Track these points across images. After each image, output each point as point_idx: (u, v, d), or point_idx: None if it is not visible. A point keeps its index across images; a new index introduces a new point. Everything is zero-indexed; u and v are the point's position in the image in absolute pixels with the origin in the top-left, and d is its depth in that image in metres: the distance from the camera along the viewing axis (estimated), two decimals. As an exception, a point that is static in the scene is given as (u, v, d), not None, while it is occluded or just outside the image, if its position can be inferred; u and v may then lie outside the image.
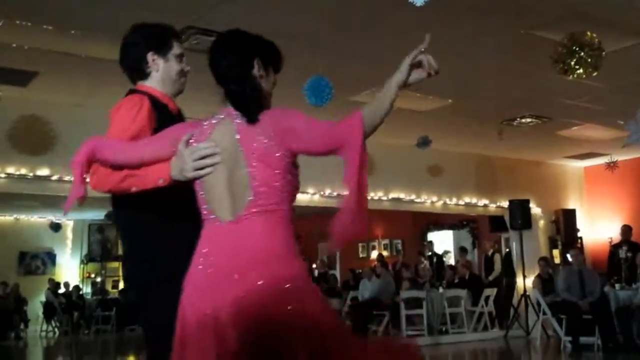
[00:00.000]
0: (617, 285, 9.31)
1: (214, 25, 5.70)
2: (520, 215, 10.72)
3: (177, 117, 2.53)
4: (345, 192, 2.08)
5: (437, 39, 6.72)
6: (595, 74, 5.42)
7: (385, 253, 15.12)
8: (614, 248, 10.56)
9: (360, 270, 12.81)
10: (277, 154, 2.07)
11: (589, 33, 5.27)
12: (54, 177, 7.62)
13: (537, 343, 9.78)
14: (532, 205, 11.14)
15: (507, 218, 11.14)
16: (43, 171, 7.58)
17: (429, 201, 10.59)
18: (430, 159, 10.46)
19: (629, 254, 9.75)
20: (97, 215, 14.91)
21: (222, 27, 2.16)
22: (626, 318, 8.43)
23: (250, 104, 2.14)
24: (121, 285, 16.04)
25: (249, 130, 2.09)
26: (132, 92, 2.53)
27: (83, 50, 6.33)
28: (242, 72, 2.18)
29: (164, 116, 2.44)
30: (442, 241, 14.71)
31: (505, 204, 11.12)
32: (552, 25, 5.79)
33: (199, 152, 2.09)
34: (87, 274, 16.39)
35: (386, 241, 15.91)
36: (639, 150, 8.20)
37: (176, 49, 2.60)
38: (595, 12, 5.64)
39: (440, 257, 13.52)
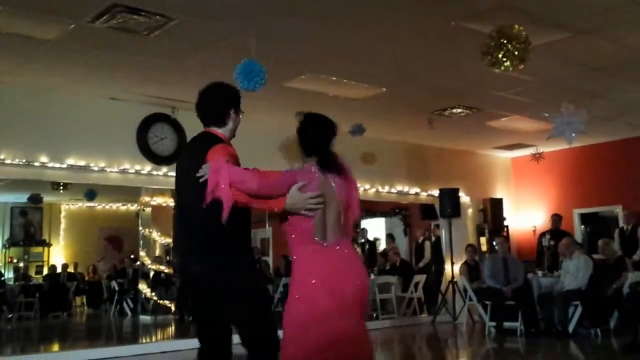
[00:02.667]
0: (539, 273, 9.65)
1: (140, 3, 5.52)
2: (450, 203, 10.93)
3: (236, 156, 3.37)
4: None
5: (372, 28, 6.76)
6: (521, 66, 5.54)
7: (318, 239, 15.15)
8: (540, 236, 10.94)
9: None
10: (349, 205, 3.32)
11: (516, 26, 5.37)
12: (-26, 157, 7.29)
13: (463, 328, 10.04)
14: (461, 194, 11.39)
15: (437, 206, 11.36)
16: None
17: (362, 188, 10.64)
18: (364, 147, 10.50)
19: (552, 243, 10.10)
20: (20, 198, 14.32)
21: (149, 6, 2.11)
22: (548, 304, 8.74)
23: (340, 169, 3.32)
24: (45, 270, 15.51)
25: (340, 187, 3.28)
26: (208, 134, 3.43)
27: (4, 27, 6.03)
28: (329, 144, 3.43)
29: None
30: (375, 228, 14.87)
31: (435, 192, 11.32)
32: (482, 17, 5.88)
33: (312, 200, 3.13)
34: (9, 259, 15.73)
35: (319, 228, 15.92)
36: (564, 142, 8.46)
37: (241, 109, 3.56)
38: (524, 5, 5.76)
39: (372, 244, 13.67)
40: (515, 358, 7.59)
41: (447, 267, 11.20)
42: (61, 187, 12.47)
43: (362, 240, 13.54)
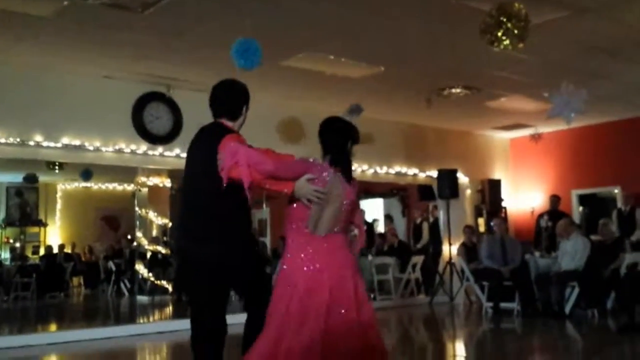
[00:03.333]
0: (537, 254, 9.64)
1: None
2: (448, 184, 10.90)
3: None
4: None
5: (370, 6, 6.66)
6: (521, 45, 5.48)
7: (316, 220, 15.13)
8: (538, 217, 10.93)
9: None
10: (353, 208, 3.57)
11: (516, 4, 5.30)
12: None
13: (461, 308, 10.06)
14: (459, 175, 11.35)
15: (435, 187, 11.32)
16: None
17: (360, 169, 10.60)
18: (362, 127, 10.33)
19: (550, 224, 10.09)
20: (15, 177, 14.28)
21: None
22: (545, 285, 8.74)
23: (350, 173, 3.59)
24: (41, 250, 15.50)
25: (349, 189, 3.51)
26: (220, 125, 3.66)
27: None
28: (346, 149, 3.69)
29: None
30: (373, 209, 14.85)
31: (434, 173, 11.27)
32: (483, -5, 5.79)
33: (318, 193, 3.35)
34: (6, 239, 15.71)
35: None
36: (563, 122, 8.40)
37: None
38: (525, -17, 5.66)
39: (370, 225, 13.65)
40: (512, 338, 7.60)
41: (445, 248, 11.19)
42: (57, 167, 12.41)
43: (360, 221, 13.51)
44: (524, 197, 12.64)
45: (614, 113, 10.94)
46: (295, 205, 3.42)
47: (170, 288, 11.93)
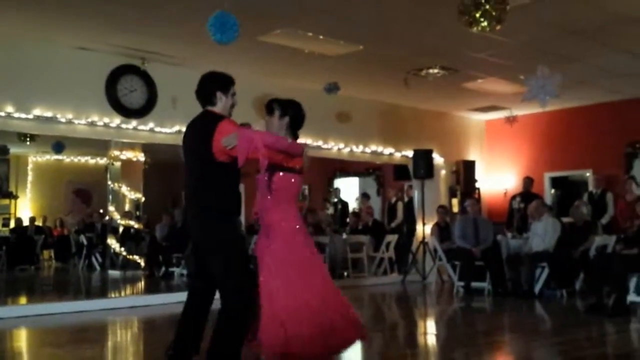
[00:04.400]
0: (509, 234, 9.77)
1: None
2: (423, 164, 10.95)
3: None
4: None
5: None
6: (498, 27, 5.48)
7: (291, 198, 15.12)
8: (511, 199, 11.07)
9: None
10: None
11: (495, -14, 5.29)
12: None
13: (432, 288, 10.17)
14: (435, 155, 11.41)
15: (410, 167, 11.37)
16: None
17: (336, 147, 10.61)
18: (339, 105, 10.42)
19: (522, 205, 10.22)
20: (-15, 149, 14.02)
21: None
22: (515, 265, 8.87)
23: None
24: (12, 223, 15.28)
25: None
26: (207, 111, 4.08)
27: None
28: None
29: None
30: (348, 188, 14.89)
31: (409, 153, 11.31)
32: (462, -26, 5.77)
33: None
34: (-25, 211, 15.48)
35: (292, 186, 15.90)
36: (537, 105, 8.48)
37: (232, 90, 4.11)
38: (504, -36, 5.65)
39: (345, 204, 13.70)
40: (482, 317, 7.72)
41: (419, 227, 11.28)
42: (28, 139, 12.18)
43: (335, 200, 13.56)
44: (498, 179, 12.77)
45: (587, 97, 11.06)
46: (296, 177, 4.10)
47: (142, 263, 11.87)
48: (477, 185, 12.56)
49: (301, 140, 10.74)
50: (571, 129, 11.81)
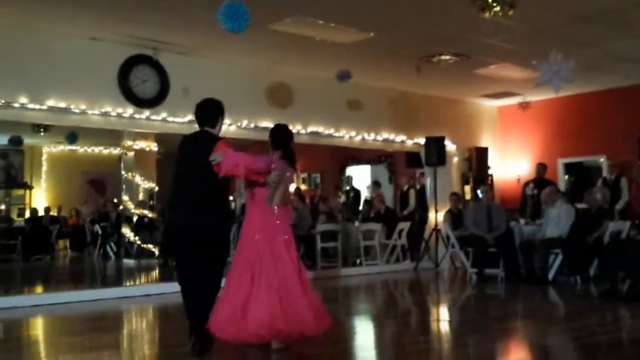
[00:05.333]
0: (522, 221, 9.73)
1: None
2: (435, 152, 10.93)
3: None
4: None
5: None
6: (511, 12, 5.45)
7: (303, 187, 15.17)
8: (524, 185, 11.01)
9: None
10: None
11: (508, -29, 5.25)
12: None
13: (445, 274, 10.18)
14: (447, 142, 11.37)
15: (422, 154, 11.35)
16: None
17: (348, 136, 10.60)
18: (350, 93, 10.41)
19: (535, 191, 10.17)
20: (0, 140, 14.13)
21: None
22: (529, 252, 8.84)
23: (294, 164, 4.99)
24: (27, 213, 15.44)
25: (291, 175, 4.99)
26: (207, 132, 4.85)
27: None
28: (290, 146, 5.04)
29: None
30: (360, 176, 14.89)
31: (421, 140, 11.29)
32: (474, -41, 5.73)
33: (279, 177, 4.78)
34: (-10, 201, 15.65)
35: (304, 175, 15.96)
36: (550, 91, 8.42)
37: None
38: (517, -52, 5.61)
39: (357, 192, 13.71)
40: (495, 303, 7.72)
41: (431, 215, 11.27)
42: (42, 130, 12.29)
43: (347, 188, 13.56)
44: (511, 165, 12.72)
45: (601, 82, 10.97)
46: (259, 189, 4.81)
47: (156, 252, 11.96)
48: (490, 172, 12.51)
49: (313, 128, 10.90)
50: (585, 114, 11.72)
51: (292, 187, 8.00)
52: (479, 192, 10.13)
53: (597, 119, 11.53)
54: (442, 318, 6.87)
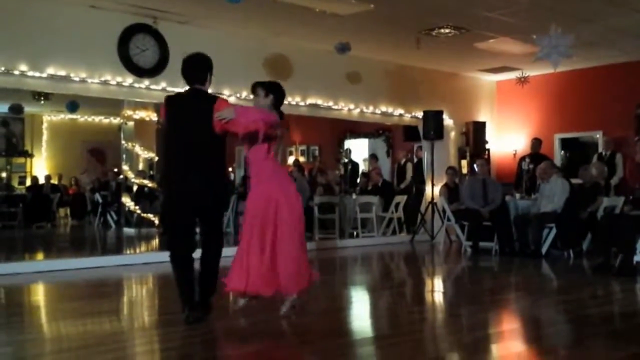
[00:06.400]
0: (517, 195, 9.83)
1: None
2: (433, 126, 10.97)
3: None
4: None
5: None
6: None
7: (302, 159, 15.24)
8: (520, 160, 11.09)
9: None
10: None
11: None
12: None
13: (440, 247, 10.30)
14: (445, 116, 11.41)
15: (420, 128, 11.39)
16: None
17: (346, 108, 10.63)
18: (349, 66, 10.41)
19: (531, 166, 10.24)
20: (0, 108, 14.14)
21: None
22: (523, 226, 8.94)
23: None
24: (28, 181, 15.52)
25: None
26: (201, 90, 4.58)
27: None
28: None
29: None
30: (358, 149, 14.95)
31: (419, 114, 11.32)
32: None
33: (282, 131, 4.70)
34: (-9, 169, 15.72)
35: (303, 147, 16.01)
36: (549, 66, 8.44)
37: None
38: None
39: (356, 165, 13.78)
40: (489, 276, 7.84)
41: (428, 188, 11.36)
42: (42, 98, 12.30)
43: (346, 161, 13.63)
44: (508, 140, 12.78)
45: (599, 58, 10.97)
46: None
47: (156, 221, 12.07)
48: (487, 146, 12.57)
49: (312, 100, 10.86)
50: (582, 90, 11.75)
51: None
52: (475, 165, 10.19)
53: (595, 95, 11.56)
54: (437, 289, 7.00)
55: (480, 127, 12.40)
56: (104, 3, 7.96)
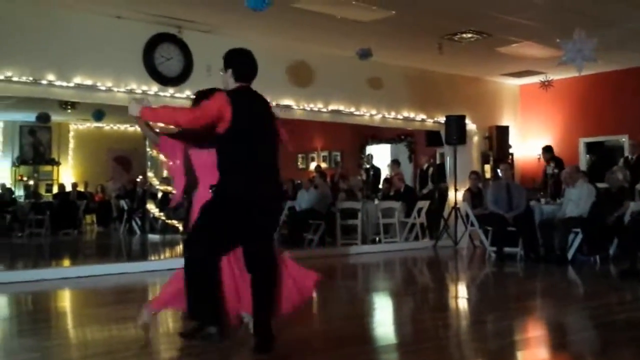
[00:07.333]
0: (542, 200, 9.73)
1: None
2: (455, 130, 10.92)
3: None
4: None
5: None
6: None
7: (324, 165, 15.26)
8: (546, 164, 10.98)
9: (300, 181, 12.95)
10: None
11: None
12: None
13: (464, 253, 10.23)
14: (467, 121, 11.36)
15: (443, 133, 11.35)
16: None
17: (368, 114, 10.64)
18: (371, 72, 10.42)
19: (556, 170, 10.15)
20: (28, 117, 14.38)
21: None
22: (548, 231, 8.85)
23: None
24: (55, 189, 15.75)
25: None
26: (257, 92, 4.17)
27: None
28: None
29: None
30: (380, 155, 14.93)
31: (442, 119, 11.29)
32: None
33: None
34: (19, 177, 15.98)
35: (325, 153, 16.04)
36: (573, 70, 8.37)
37: None
38: None
39: (377, 170, 13.77)
40: (514, 282, 7.77)
41: (451, 193, 11.31)
42: (69, 107, 12.50)
43: (367, 166, 13.63)
44: (532, 144, 12.67)
45: (624, 61, 10.85)
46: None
47: (180, 227, 12.16)
48: (510, 151, 12.48)
49: (334, 107, 10.81)
50: (607, 93, 11.62)
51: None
52: (498, 170, 10.12)
53: (620, 98, 11.42)
54: (461, 295, 6.95)
55: (503, 131, 12.32)
56: (130, 13, 8.08)
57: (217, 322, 4.04)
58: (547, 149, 10.97)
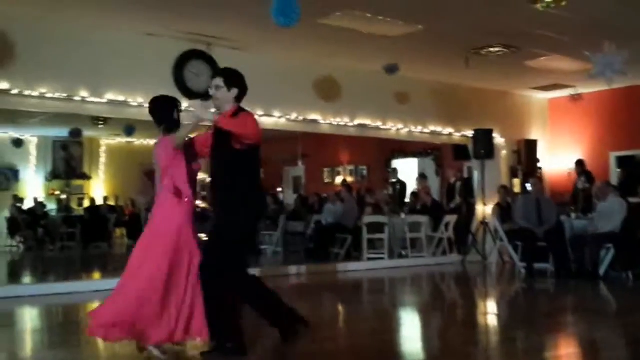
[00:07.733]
0: (573, 215, 9.61)
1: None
2: (483, 144, 10.86)
3: None
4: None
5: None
6: (564, 3, 5.40)
7: (350, 179, 15.27)
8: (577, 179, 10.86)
9: (326, 195, 12.97)
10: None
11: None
12: (14, 92, 7.44)
13: (493, 268, 10.13)
14: (495, 135, 11.29)
15: (470, 147, 11.30)
16: (3, 85, 7.38)
17: (395, 128, 10.64)
18: (398, 86, 10.43)
19: (587, 185, 10.02)
20: (61, 132, 14.65)
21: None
22: (579, 246, 8.70)
23: None
24: (86, 203, 16.00)
25: None
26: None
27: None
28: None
29: None
30: (407, 169, 14.88)
31: (469, 133, 11.24)
32: (525, -48, 5.71)
33: None
34: (52, 191, 16.27)
35: (351, 167, 16.05)
36: (602, 83, 8.28)
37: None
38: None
39: (404, 184, 13.72)
40: (545, 298, 7.67)
41: (479, 208, 11.22)
42: (101, 123, 12.72)
43: (394, 181, 13.60)
44: (561, 158, 12.53)
45: (656, 74, 10.68)
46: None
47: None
48: (539, 165, 12.36)
49: (360, 121, 10.87)
50: (637, 107, 11.45)
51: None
52: (528, 185, 10.02)
53: (651, 112, 11.25)
54: (490, 311, 6.88)
55: (532, 145, 12.21)
56: (160, 31, 8.22)
57: (235, 339, 4.16)
58: (579, 163, 10.84)
